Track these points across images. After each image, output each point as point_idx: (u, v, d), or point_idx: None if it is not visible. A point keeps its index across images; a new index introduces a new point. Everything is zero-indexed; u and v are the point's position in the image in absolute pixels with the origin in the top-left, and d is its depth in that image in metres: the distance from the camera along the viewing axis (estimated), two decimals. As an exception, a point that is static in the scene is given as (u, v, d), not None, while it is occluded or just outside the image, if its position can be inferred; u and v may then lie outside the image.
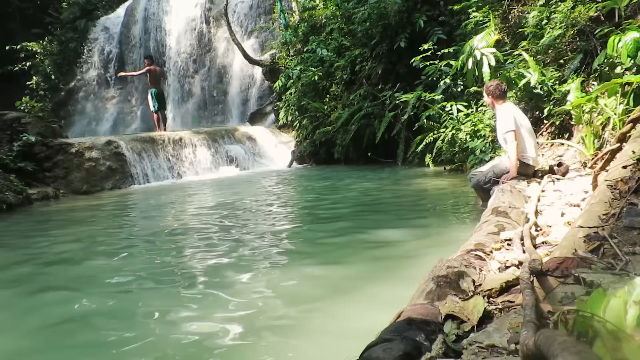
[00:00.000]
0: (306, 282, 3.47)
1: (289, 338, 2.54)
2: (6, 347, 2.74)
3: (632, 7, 6.36)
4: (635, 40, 4.99)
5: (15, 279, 4.06)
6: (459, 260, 2.23)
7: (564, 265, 1.90)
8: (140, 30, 20.99)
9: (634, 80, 4.83)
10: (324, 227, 5.22)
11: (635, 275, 1.62)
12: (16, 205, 8.09)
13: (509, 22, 8.69)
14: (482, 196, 5.21)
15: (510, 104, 5.18)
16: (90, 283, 3.79)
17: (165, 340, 2.63)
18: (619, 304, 1.16)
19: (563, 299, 1.64)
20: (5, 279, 4.08)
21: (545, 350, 0.90)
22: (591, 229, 2.21)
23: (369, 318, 2.42)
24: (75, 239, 5.51)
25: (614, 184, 2.54)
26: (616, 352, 1.01)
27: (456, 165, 8.48)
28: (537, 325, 1.25)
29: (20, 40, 21.10)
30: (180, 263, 4.11)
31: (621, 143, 3.60)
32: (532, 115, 6.98)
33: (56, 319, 3.06)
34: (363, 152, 11.39)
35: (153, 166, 11.42)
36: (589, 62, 6.55)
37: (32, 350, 2.69)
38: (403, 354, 1.41)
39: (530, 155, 4.97)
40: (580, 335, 1.12)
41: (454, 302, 1.78)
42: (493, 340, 1.46)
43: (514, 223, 3.21)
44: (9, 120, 10.45)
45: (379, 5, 10.84)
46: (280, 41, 16.00)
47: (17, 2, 23.38)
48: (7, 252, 5.09)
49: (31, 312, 3.27)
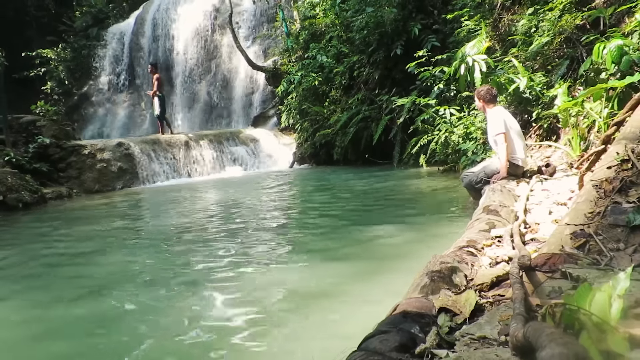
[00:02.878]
0: (306, 276, 3.47)
1: (289, 330, 2.54)
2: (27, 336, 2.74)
3: (616, 16, 6.36)
4: (619, 48, 4.99)
5: (29, 274, 4.06)
6: (452, 256, 2.23)
7: (552, 261, 1.90)
8: (149, 37, 20.99)
9: (617, 85, 4.83)
10: (324, 224, 5.22)
11: (619, 270, 1.62)
12: (32, 204, 8.09)
13: (499, 30, 8.69)
14: (473, 195, 5.21)
15: (500, 108, 5.18)
16: (106, 277, 3.79)
17: (169, 333, 2.63)
18: (603, 298, 1.16)
19: (551, 293, 1.64)
20: (21, 274, 4.08)
21: (533, 342, 0.90)
22: (577, 227, 2.21)
23: (366, 311, 2.42)
24: (88, 235, 5.51)
25: (599, 183, 2.53)
26: (601, 343, 1.01)
27: (449, 166, 8.48)
28: (526, 318, 1.24)
29: (36, 47, 21.11)
30: (188, 259, 4.11)
31: (606, 145, 3.60)
32: (521, 119, 6.98)
33: (74, 311, 3.07)
34: (361, 154, 11.39)
35: (162, 167, 11.41)
36: (576, 68, 6.55)
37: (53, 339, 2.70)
38: (399, 345, 1.41)
39: (520, 156, 4.97)
40: (567, 327, 1.12)
41: (447, 295, 1.78)
42: (484, 332, 1.46)
43: (504, 221, 3.21)
44: (25, 123, 10.46)
45: (376, 14, 10.85)
46: (282, 48, 16.00)
47: (33, 11, 23.39)
48: (24, 248, 5.09)
49: (48, 304, 3.27)
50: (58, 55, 21.65)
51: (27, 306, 3.29)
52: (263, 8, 18.67)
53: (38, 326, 2.90)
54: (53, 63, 21.54)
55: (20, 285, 3.77)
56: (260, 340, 2.44)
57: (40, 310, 3.18)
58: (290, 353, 2.31)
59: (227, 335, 2.51)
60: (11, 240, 5.64)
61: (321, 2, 14.15)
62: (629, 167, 2.57)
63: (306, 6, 15.05)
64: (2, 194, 7.68)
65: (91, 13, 23.26)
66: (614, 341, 1.00)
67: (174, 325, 2.71)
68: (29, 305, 3.30)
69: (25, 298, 3.48)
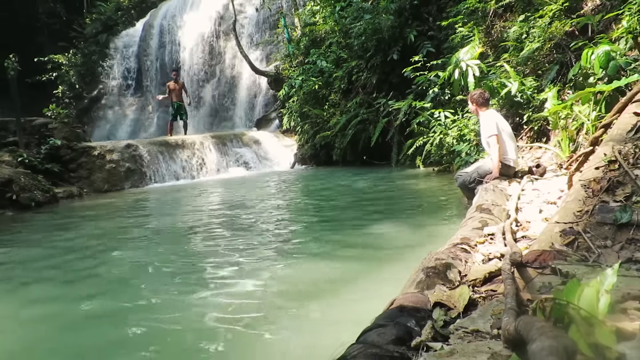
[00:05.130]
0: (306, 272, 3.46)
1: (291, 323, 2.54)
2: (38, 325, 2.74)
3: (604, 23, 6.36)
4: (606, 53, 4.99)
5: (42, 270, 4.06)
6: (446, 253, 2.23)
7: (542, 257, 1.90)
8: (157, 43, 20.99)
9: (605, 89, 4.82)
10: (323, 221, 5.22)
11: (606, 266, 1.62)
12: (44, 202, 8.09)
13: (491, 36, 8.69)
14: (467, 195, 5.20)
15: (492, 111, 5.17)
16: (116, 273, 3.78)
17: (180, 324, 2.63)
18: (591, 293, 1.16)
19: (541, 288, 1.64)
20: (34, 270, 4.08)
21: (524, 335, 0.90)
22: (567, 225, 2.21)
23: (364, 305, 2.41)
24: (99, 232, 5.52)
25: (588, 183, 2.53)
26: (589, 337, 1.01)
27: (444, 166, 8.48)
28: (517, 312, 1.24)
29: (48, 52, 21.13)
30: (195, 255, 4.12)
31: (594, 146, 3.60)
32: (512, 121, 6.97)
33: (84, 306, 3.07)
34: (359, 155, 11.38)
35: (168, 167, 11.41)
36: (565, 73, 6.55)
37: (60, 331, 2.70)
38: (395, 338, 1.41)
39: (511, 157, 4.97)
40: (557, 321, 1.12)
41: (441, 291, 1.78)
42: (477, 326, 1.46)
43: (497, 219, 3.21)
44: (38, 125, 10.46)
45: (374, 21, 10.84)
46: (283, 53, 16.00)
47: (45, 18, 23.41)
48: (37, 245, 5.09)
49: (61, 298, 3.27)
50: (69, 60, 21.66)
51: (40, 301, 3.30)
52: (265, 15, 18.67)
53: (52, 320, 2.91)
54: (64, 68, 21.54)
55: (33, 280, 3.77)
56: (262, 333, 2.44)
57: (53, 304, 3.18)
58: (291, 346, 2.31)
59: (230, 329, 2.51)
60: (24, 237, 5.64)
61: (321, 10, 14.15)
62: (616, 168, 2.57)
63: (307, 13, 15.05)
64: (15, 193, 7.68)
65: (101, 20, 23.26)
66: (602, 334, 1.00)
67: (183, 319, 2.72)
68: (42, 300, 3.31)
69: (38, 293, 3.48)
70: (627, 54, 5.43)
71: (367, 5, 11.58)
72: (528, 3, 7.70)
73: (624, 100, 3.66)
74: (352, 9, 12.03)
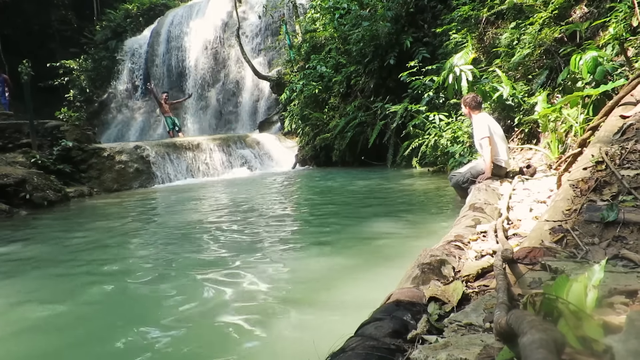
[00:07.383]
0: (306, 268, 3.46)
1: (291, 316, 2.54)
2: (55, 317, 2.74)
3: (592, 30, 6.36)
4: (594, 59, 4.99)
5: (54, 266, 4.05)
6: (441, 250, 2.23)
7: (532, 254, 1.90)
8: (164, 49, 20.99)
9: (593, 93, 4.83)
10: (323, 220, 5.21)
11: (594, 263, 1.61)
12: (56, 201, 8.08)
13: (484, 42, 8.69)
14: (460, 194, 5.20)
15: (485, 114, 5.17)
16: (126, 268, 3.78)
17: (185, 321, 2.63)
18: (580, 288, 1.16)
19: (531, 284, 1.64)
20: (46, 266, 4.08)
21: (515, 328, 0.90)
22: (556, 223, 2.21)
23: (362, 300, 2.41)
24: (110, 230, 5.51)
25: (576, 183, 2.53)
26: (578, 330, 1.01)
27: (438, 167, 8.48)
28: (508, 306, 1.24)
29: (60, 58, 21.15)
30: (201, 251, 4.11)
31: (582, 148, 3.60)
32: (504, 124, 6.98)
33: (95, 299, 3.07)
34: (357, 156, 11.39)
35: (175, 168, 11.40)
36: (554, 78, 6.55)
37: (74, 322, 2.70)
38: (392, 331, 1.41)
39: (503, 158, 4.97)
40: (547, 315, 1.12)
41: (436, 286, 1.77)
42: (470, 320, 1.46)
43: (489, 217, 3.21)
44: (50, 127, 10.46)
45: (372, 28, 10.85)
46: (285, 59, 16.01)
47: (57, 25, 23.42)
48: (50, 242, 5.09)
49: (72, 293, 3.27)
50: (80, 65, 21.68)
51: (50, 296, 3.30)
52: (268, 22, 18.69)
53: (60, 314, 2.90)
54: (75, 73, 21.57)
55: (44, 277, 3.77)
56: (263, 328, 2.44)
57: (63, 299, 3.18)
58: (291, 339, 2.31)
59: (233, 324, 2.51)
60: (37, 234, 5.63)
61: (321, 17, 14.16)
62: (603, 168, 2.57)
63: (307, 21, 15.06)
64: (28, 193, 7.68)
65: (110, 27, 23.29)
66: (590, 328, 1.00)
67: (190, 314, 2.71)
68: (51, 296, 3.31)
69: (48, 289, 3.48)
70: (613, 59, 5.43)
71: (365, 13, 11.60)
72: (519, 11, 7.70)
73: (610, 103, 3.66)
74: (351, 16, 12.04)
